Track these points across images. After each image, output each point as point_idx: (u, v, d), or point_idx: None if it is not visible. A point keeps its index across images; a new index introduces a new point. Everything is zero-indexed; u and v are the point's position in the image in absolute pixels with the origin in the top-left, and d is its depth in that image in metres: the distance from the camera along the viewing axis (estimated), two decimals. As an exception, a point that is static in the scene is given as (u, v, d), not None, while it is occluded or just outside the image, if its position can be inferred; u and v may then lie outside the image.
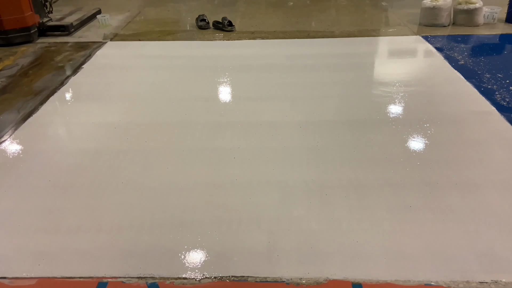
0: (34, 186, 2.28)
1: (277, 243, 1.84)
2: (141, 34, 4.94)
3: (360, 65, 3.82)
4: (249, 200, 2.12)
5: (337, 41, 4.50)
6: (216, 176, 2.32)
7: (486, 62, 3.76)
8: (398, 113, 2.95)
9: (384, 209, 2.03)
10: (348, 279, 1.67)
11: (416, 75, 3.55)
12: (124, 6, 6.20)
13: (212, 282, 1.67)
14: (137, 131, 2.79)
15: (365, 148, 2.54)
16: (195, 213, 2.04)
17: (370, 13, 5.59)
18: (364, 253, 1.78)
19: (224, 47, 4.42)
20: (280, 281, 1.67)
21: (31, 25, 4.64)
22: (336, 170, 2.34)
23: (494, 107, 2.96)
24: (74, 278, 1.71)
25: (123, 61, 4.11)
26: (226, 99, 3.29)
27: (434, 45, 4.21)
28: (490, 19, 4.80)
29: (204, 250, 1.82)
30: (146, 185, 2.26)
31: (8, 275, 1.73)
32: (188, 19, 5.53)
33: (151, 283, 1.67)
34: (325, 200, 2.10)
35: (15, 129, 2.87)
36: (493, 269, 1.69)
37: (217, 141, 2.66)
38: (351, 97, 3.20)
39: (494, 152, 2.46)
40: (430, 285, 1.63)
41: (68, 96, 3.37)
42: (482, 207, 2.03)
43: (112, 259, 1.79)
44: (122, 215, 2.04)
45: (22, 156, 2.57)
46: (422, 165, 2.35)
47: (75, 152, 2.58)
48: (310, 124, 2.81)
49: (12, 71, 3.90)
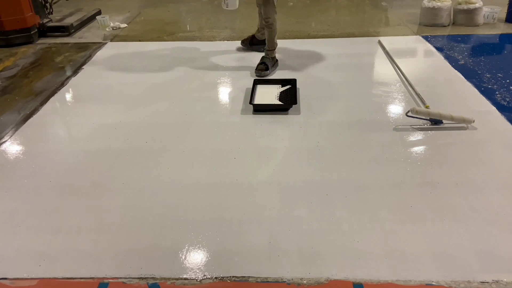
0: (35, 187, 2.28)
1: (278, 243, 1.84)
2: (141, 34, 4.94)
3: (360, 65, 3.82)
4: (250, 200, 2.12)
5: (337, 41, 4.50)
6: (217, 176, 2.32)
7: (486, 62, 3.76)
8: (398, 113, 2.94)
9: (385, 209, 2.03)
10: (349, 279, 1.66)
11: (416, 75, 3.55)
12: (124, 7, 6.20)
13: (213, 282, 1.67)
14: (138, 132, 2.79)
15: (365, 148, 2.54)
16: (195, 213, 2.04)
17: (370, 13, 5.59)
18: (365, 253, 1.78)
19: (224, 47, 4.42)
20: (281, 281, 1.67)
21: (31, 26, 4.64)
22: (336, 170, 2.34)
23: (494, 107, 2.96)
24: (75, 278, 1.71)
25: (123, 61, 4.11)
26: (226, 99, 3.29)
27: (434, 45, 4.21)
28: (490, 19, 4.80)
29: (205, 250, 1.82)
30: (146, 185, 2.27)
31: (9, 275, 1.73)
32: (188, 20, 5.54)
33: (152, 284, 1.67)
34: (325, 200, 2.10)
35: (16, 130, 2.87)
36: (494, 269, 1.68)
37: (217, 141, 2.66)
38: (351, 97, 3.20)
39: (494, 152, 2.46)
40: (431, 285, 1.63)
41: (68, 97, 3.37)
42: (483, 207, 2.03)
43: (113, 260, 1.79)
44: (123, 216, 2.04)
45: (22, 157, 2.57)
46: (422, 165, 2.35)
47: (75, 152, 2.58)
48: (310, 124, 2.81)
49: (12, 72, 3.90)
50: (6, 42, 4.53)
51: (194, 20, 5.53)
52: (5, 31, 4.49)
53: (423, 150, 2.51)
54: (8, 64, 4.11)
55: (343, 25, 5.07)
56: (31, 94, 3.43)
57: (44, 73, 3.87)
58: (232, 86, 3.50)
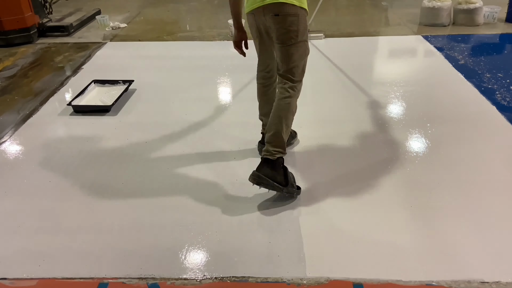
0: (35, 187, 2.28)
1: (278, 243, 1.84)
2: (141, 34, 4.94)
3: (360, 65, 3.82)
4: (250, 200, 2.11)
5: (337, 41, 4.50)
6: (217, 176, 2.31)
7: (486, 62, 3.75)
8: (398, 113, 2.94)
9: (385, 209, 2.03)
10: (349, 279, 1.66)
11: (417, 75, 3.55)
12: (124, 7, 6.20)
13: (213, 282, 1.67)
14: (137, 132, 2.79)
15: (365, 148, 2.54)
16: (195, 213, 2.04)
17: (370, 13, 5.59)
18: (365, 253, 1.78)
19: (224, 47, 4.42)
20: (281, 281, 1.66)
21: (30, 25, 4.64)
22: (336, 170, 2.34)
23: (494, 106, 2.96)
24: (74, 279, 1.70)
25: (122, 61, 4.11)
26: (226, 99, 3.29)
27: (434, 45, 4.21)
28: (490, 19, 4.80)
29: (204, 251, 1.82)
30: (146, 185, 2.26)
31: (9, 276, 1.73)
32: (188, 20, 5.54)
33: (151, 284, 1.67)
34: (326, 200, 2.10)
35: (15, 130, 2.87)
36: (494, 269, 1.68)
37: (217, 141, 2.66)
38: (351, 97, 3.20)
39: (494, 152, 2.46)
40: (432, 285, 1.63)
41: (68, 97, 3.36)
42: (483, 207, 2.03)
43: (112, 260, 1.79)
44: (123, 216, 2.04)
45: (22, 156, 2.57)
46: (422, 165, 2.35)
47: (75, 152, 2.58)
48: (310, 124, 2.81)
49: (12, 72, 3.90)
50: (6, 42, 4.53)
51: (194, 20, 5.53)
52: (4, 31, 4.49)
53: (423, 149, 2.50)
54: (7, 64, 4.11)
55: (343, 25, 5.07)
56: (30, 94, 3.43)
57: (44, 73, 3.87)
58: (232, 86, 3.50)
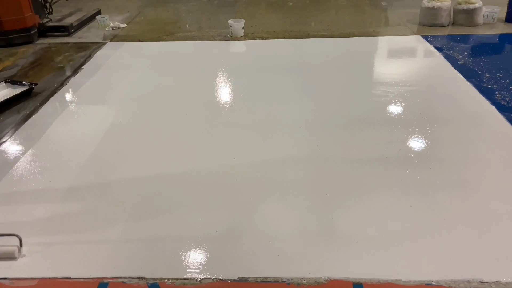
0: (35, 187, 2.28)
1: (277, 243, 1.84)
2: (141, 34, 4.94)
3: (360, 65, 3.82)
4: (250, 200, 2.12)
5: (337, 41, 4.50)
6: (217, 176, 2.32)
7: (486, 62, 3.76)
8: (398, 113, 2.94)
9: (385, 209, 2.03)
10: (349, 279, 1.66)
11: (416, 75, 3.55)
12: (124, 7, 6.20)
13: (213, 282, 1.67)
14: (138, 132, 2.79)
15: (365, 148, 2.54)
16: (195, 213, 2.04)
17: (370, 13, 5.59)
18: (365, 253, 1.78)
19: (224, 48, 4.42)
20: (281, 281, 1.67)
21: (31, 25, 4.64)
22: (336, 170, 2.34)
23: (494, 106, 2.96)
24: (74, 278, 1.70)
25: (123, 61, 4.11)
26: (226, 99, 3.29)
27: (434, 45, 4.21)
28: (490, 19, 4.80)
29: (204, 250, 1.82)
30: (146, 185, 2.26)
31: (9, 275, 1.73)
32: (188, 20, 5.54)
33: (151, 284, 1.67)
34: (325, 200, 2.10)
35: (16, 130, 2.87)
36: (494, 269, 1.68)
37: (217, 141, 2.66)
38: (351, 97, 3.20)
39: (494, 152, 2.46)
40: (431, 285, 1.63)
41: (68, 97, 3.37)
42: (482, 207, 2.03)
43: (113, 260, 1.79)
44: (123, 216, 2.04)
45: (22, 157, 2.57)
46: (422, 165, 2.35)
47: (75, 152, 2.58)
48: (310, 124, 2.81)
49: (12, 71, 3.90)
50: (6, 42, 4.53)
51: (194, 20, 5.53)
52: (5, 31, 4.49)
53: (422, 149, 2.50)
54: (8, 64, 4.11)
55: (343, 25, 5.07)
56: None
57: (44, 73, 3.87)
58: (232, 86, 3.50)
